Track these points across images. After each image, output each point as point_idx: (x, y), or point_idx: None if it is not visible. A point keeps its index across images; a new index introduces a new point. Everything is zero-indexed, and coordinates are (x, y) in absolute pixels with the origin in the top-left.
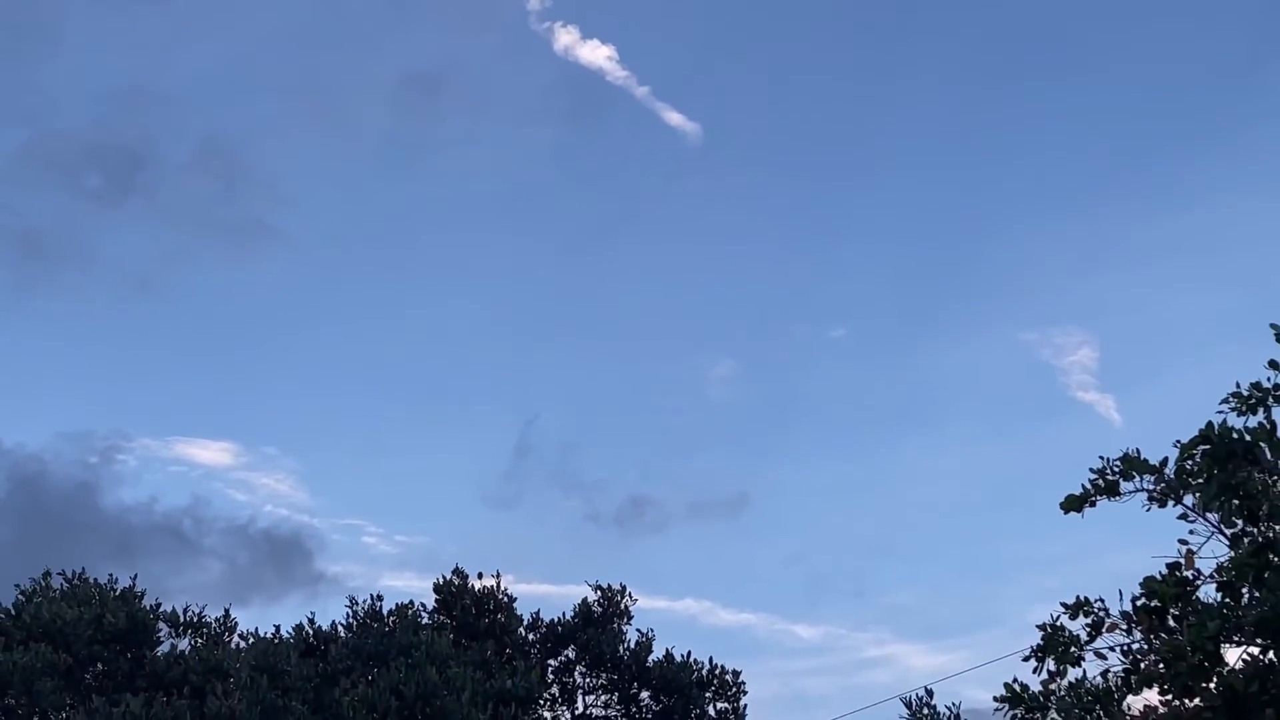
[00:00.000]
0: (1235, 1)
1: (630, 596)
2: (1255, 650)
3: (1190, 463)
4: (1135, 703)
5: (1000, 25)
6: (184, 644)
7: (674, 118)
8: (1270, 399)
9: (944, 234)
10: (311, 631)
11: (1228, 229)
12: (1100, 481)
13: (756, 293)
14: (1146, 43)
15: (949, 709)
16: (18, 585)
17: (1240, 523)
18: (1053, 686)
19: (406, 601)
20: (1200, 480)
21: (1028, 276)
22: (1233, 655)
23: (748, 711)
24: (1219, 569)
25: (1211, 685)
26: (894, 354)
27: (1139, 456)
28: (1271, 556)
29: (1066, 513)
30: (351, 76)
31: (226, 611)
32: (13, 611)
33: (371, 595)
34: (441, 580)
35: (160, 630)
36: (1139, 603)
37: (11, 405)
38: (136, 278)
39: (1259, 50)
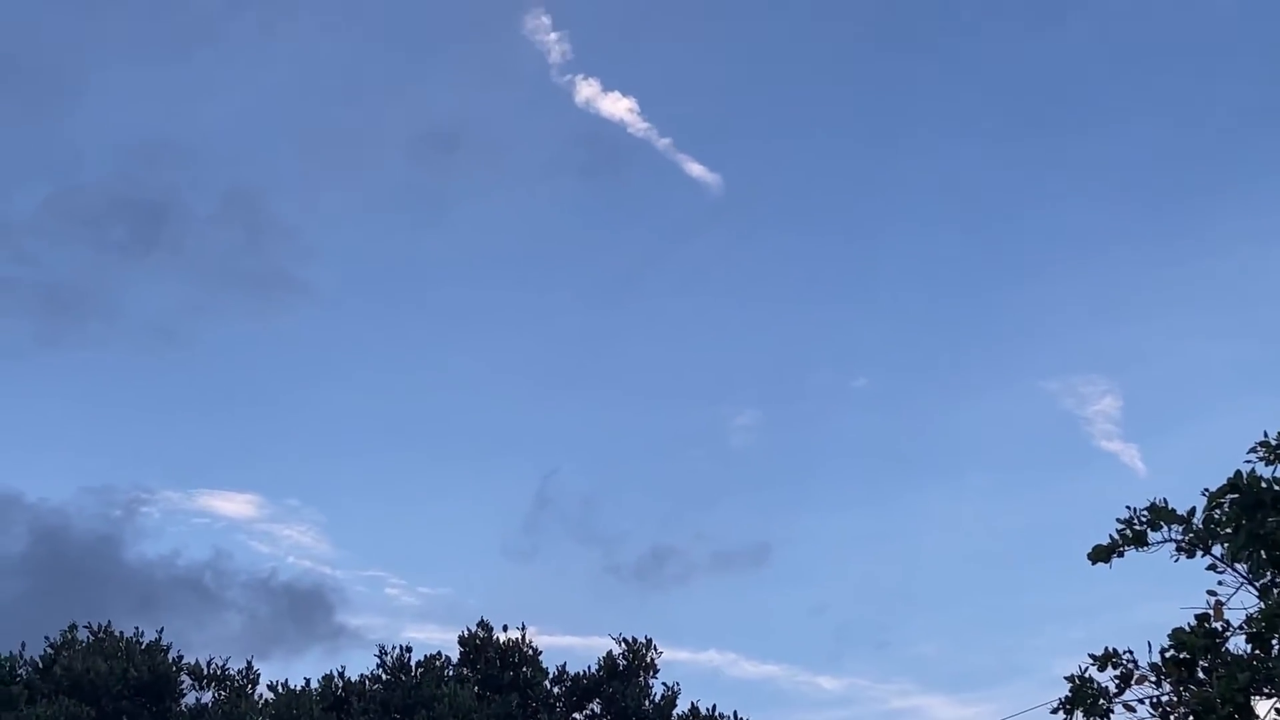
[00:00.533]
0: (1255, 50)
1: (655, 649)
2: None
3: (1218, 512)
4: None
5: (1019, 74)
6: (207, 696)
7: (695, 169)
8: None
9: (965, 283)
10: (341, 684)
11: (1250, 276)
12: (1127, 532)
13: (778, 342)
14: (1167, 90)
15: None
16: (47, 638)
17: (1270, 573)
18: None
19: (434, 653)
20: (1229, 530)
21: (1049, 325)
22: (1263, 707)
23: None
24: (1249, 620)
25: None
26: (916, 403)
27: (1166, 506)
28: None
29: (1094, 563)
30: (373, 128)
31: (249, 664)
32: (40, 665)
33: (400, 647)
34: (467, 633)
35: (183, 683)
36: (1168, 654)
37: (35, 459)
38: (160, 330)
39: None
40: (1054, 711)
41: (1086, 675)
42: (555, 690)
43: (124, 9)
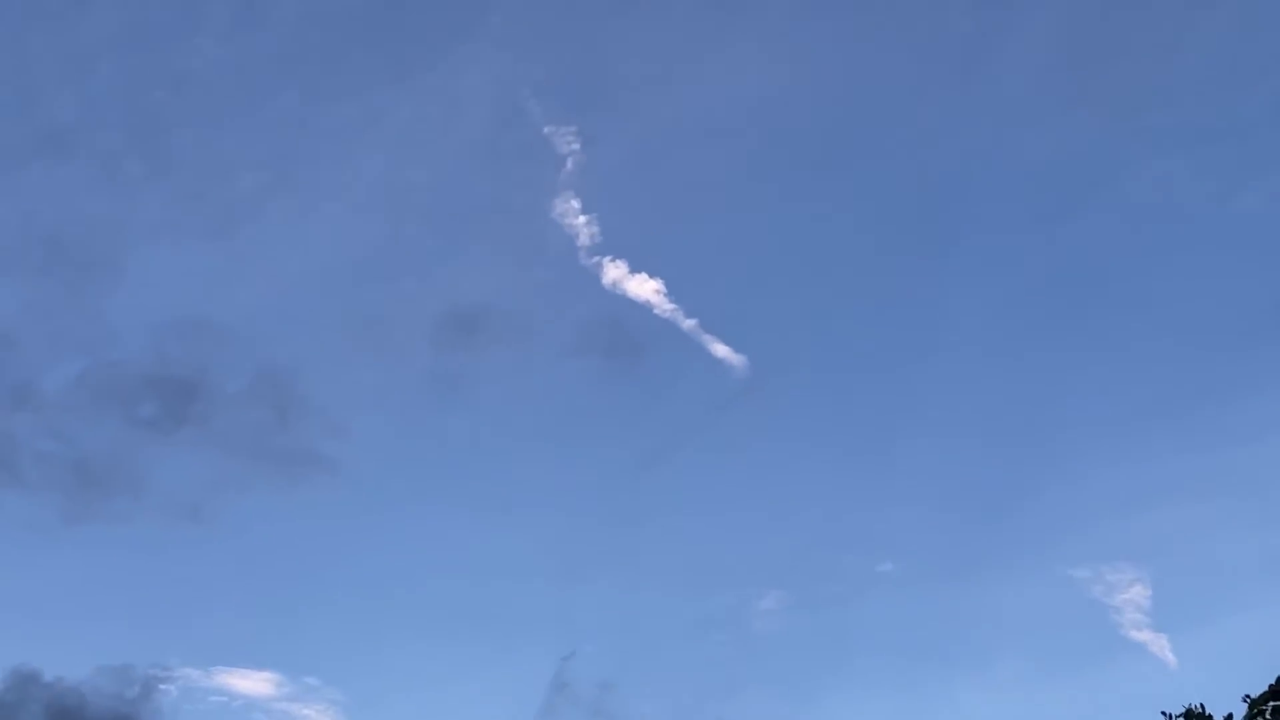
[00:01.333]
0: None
1: None
2: None
3: (1261, 719)
4: None
5: (1045, 261)
6: None
7: (721, 350)
8: None
9: (993, 470)
10: None
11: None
12: None
13: (802, 524)
14: (1194, 283)
15: None
16: None
17: None
18: None
19: None
20: None
21: (1078, 513)
22: None
23: None
24: None
25: None
26: (943, 589)
27: (1203, 712)
28: None
29: None
30: (403, 309)
31: None
32: None
33: None
34: None
35: None
36: None
37: (54, 636)
38: (185, 506)
39: None
40: None
41: None
42: None
43: (163, 191)
